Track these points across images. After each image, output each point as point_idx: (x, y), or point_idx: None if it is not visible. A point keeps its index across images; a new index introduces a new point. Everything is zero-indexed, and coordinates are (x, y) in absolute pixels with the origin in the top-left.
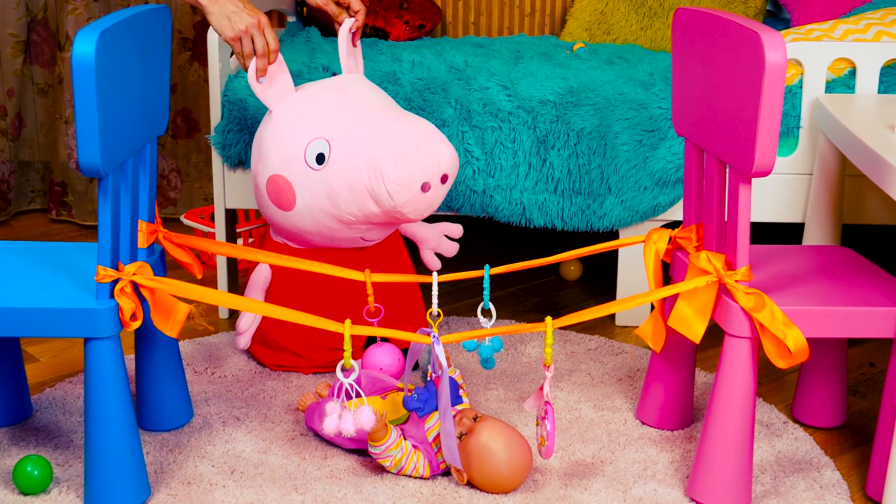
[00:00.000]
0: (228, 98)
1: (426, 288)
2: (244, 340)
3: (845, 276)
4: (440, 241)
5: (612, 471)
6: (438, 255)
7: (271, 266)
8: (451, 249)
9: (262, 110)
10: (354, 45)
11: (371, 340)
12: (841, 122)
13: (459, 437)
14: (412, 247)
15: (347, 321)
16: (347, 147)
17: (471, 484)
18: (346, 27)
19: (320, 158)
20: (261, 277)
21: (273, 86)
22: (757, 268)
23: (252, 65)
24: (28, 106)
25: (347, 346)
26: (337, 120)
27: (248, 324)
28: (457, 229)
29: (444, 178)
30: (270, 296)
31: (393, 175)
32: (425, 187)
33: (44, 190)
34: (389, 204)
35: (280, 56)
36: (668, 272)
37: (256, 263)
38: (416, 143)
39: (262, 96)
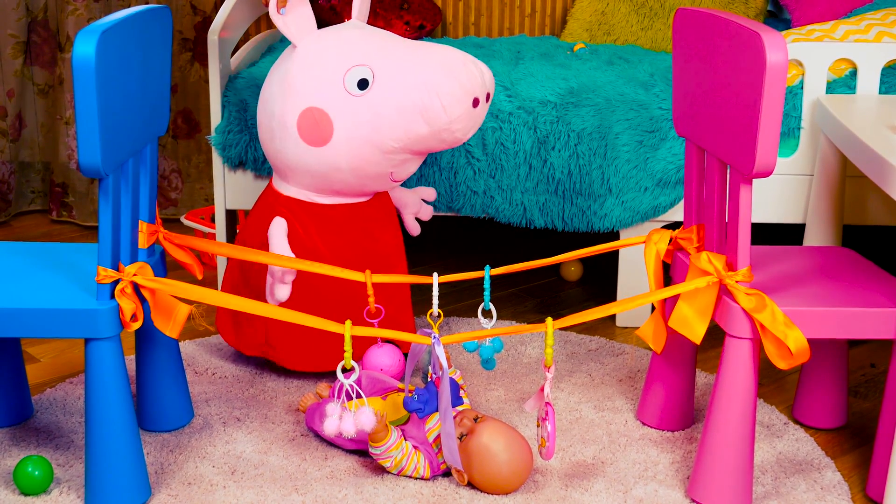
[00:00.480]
0: (229, 99)
1: (421, 288)
2: (283, 291)
3: (846, 277)
4: (420, 205)
5: (612, 472)
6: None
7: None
8: (427, 213)
9: None
10: None
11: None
12: (842, 123)
13: (460, 438)
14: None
15: (348, 322)
16: (393, 69)
17: (471, 485)
18: None
19: (363, 84)
20: (279, 230)
21: (294, 17)
22: (758, 268)
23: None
24: (28, 107)
25: (348, 346)
26: (372, 48)
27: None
28: (430, 192)
29: (488, 97)
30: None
31: (447, 88)
32: (475, 102)
33: (44, 191)
34: (443, 120)
35: None
36: (669, 273)
37: (255, 264)
38: (461, 61)
39: (284, 28)
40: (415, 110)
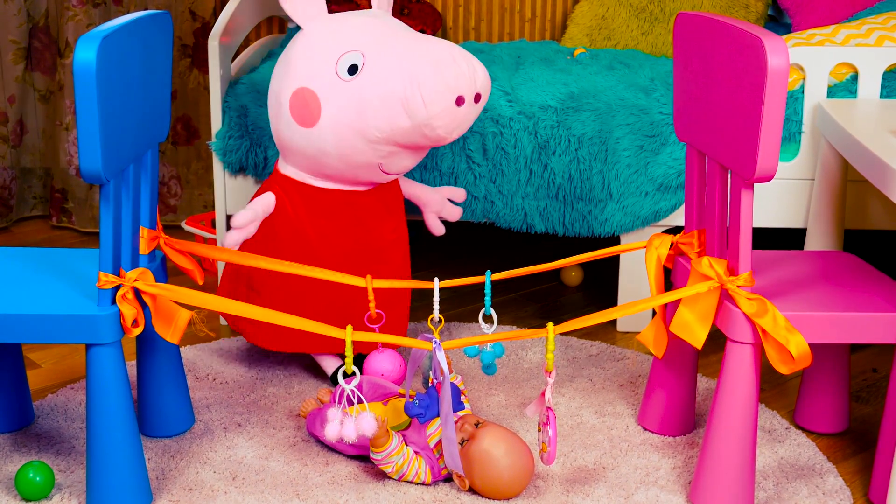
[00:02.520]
0: (229, 104)
1: (422, 293)
2: (235, 237)
3: (848, 282)
4: (443, 204)
5: (613, 477)
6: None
7: (279, 214)
8: (455, 214)
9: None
10: None
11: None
12: (843, 127)
13: (461, 443)
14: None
15: (349, 327)
16: (383, 58)
17: (472, 490)
18: None
19: (353, 70)
20: (262, 201)
21: (303, 1)
22: (759, 273)
23: None
24: (29, 112)
25: (349, 352)
26: (371, 36)
27: (245, 220)
28: (460, 193)
29: (477, 97)
30: (269, 276)
31: (430, 83)
32: (460, 101)
33: (45, 196)
34: (423, 115)
35: None
36: (670, 278)
37: (255, 269)
38: (453, 56)
39: (291, 11)
40: (397, 101)
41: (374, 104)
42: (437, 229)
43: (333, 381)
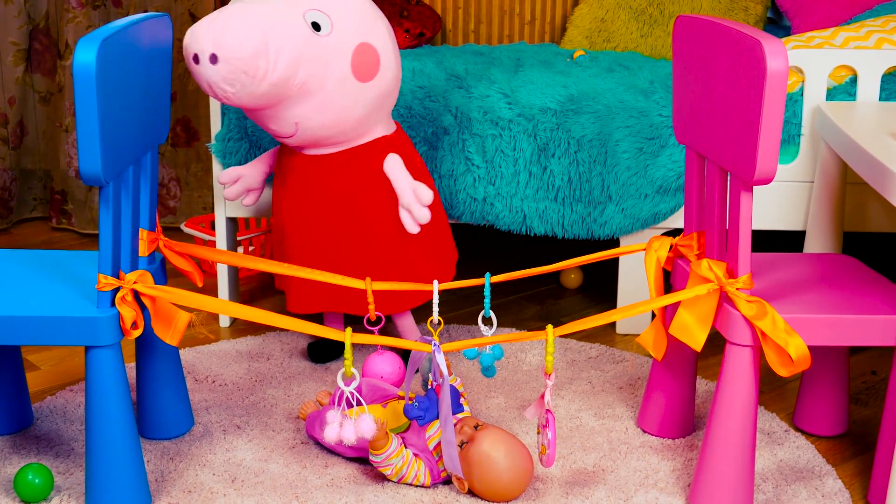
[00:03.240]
0: (229, 106)
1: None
2: (231, 192)
3: (847, 284)
4: (412, 202)
5: (613, 479)
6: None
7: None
8: (422, 216)
9: None
10: None
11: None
12: (842, 130)
13: (460, 446)
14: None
15: (348, 329)
16: None
17: (472, 492)
18: None
19: None
20: (268, 155)
21: None
22: (758, 276)
23: None
24: (30, 114)
25: (348, 354)
26: None
27: (229, 177)
28: (426, 195)
29: (212, 58)
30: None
31: (184, 42)
32: (195, 59)
33: (45, 198)
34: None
35: None
36: (670, 280)
37: (256, 271)
38: (213, 17)
39: None
40: None
41: None
42: (407, 226)
43: (311, 354)
